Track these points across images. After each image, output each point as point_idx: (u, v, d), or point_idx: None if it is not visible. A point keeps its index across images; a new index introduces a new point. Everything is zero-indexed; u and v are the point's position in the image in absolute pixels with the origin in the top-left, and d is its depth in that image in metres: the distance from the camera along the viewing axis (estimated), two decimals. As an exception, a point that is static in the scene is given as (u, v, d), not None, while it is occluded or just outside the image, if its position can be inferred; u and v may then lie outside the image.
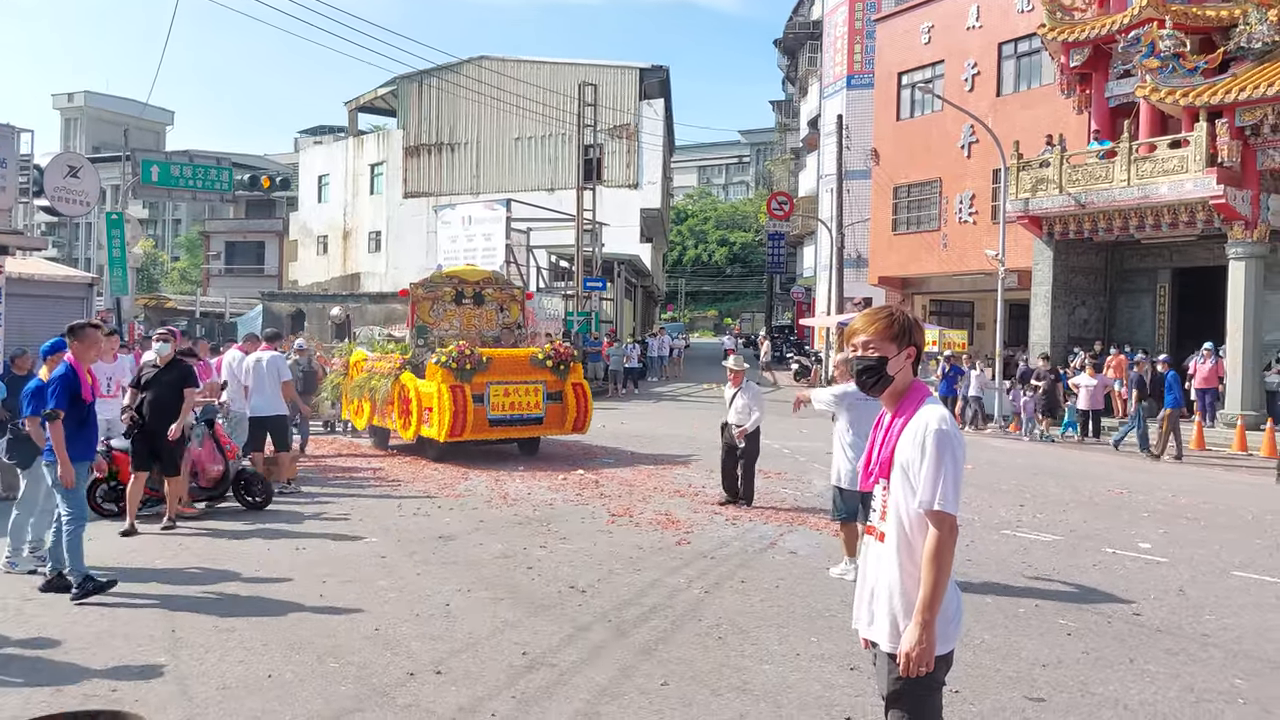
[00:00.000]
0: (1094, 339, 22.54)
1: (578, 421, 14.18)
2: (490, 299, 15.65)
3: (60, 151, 25.25)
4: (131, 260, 22.19)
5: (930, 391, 3.14)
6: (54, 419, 6.63)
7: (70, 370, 6.79)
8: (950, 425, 2.95)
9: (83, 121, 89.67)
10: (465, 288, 15.46)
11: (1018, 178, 22.04)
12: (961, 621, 3.11)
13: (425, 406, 13.49)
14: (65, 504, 6.66)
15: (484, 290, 15.60)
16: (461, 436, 13.14)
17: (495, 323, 15.65)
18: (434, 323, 15.09)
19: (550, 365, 13.99)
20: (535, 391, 13.82)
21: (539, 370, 13.94)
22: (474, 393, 13.15)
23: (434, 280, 15.79)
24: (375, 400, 14.68)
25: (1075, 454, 17.11)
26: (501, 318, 15.72)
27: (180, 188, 28.25)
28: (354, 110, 47.40)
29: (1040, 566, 8.01)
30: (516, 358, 13.99)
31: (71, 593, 6.49)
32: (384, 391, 14.46)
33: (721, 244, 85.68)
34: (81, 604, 6.38)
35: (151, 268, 60.05)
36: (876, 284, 31.76)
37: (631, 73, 40.13)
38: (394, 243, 42.31)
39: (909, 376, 3.09)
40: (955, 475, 2.90)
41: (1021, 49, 26.37)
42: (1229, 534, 9.79)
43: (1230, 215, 18.55)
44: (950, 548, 2.91)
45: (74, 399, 6.71)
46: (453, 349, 13.30)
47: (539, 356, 14.05)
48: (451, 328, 15.12)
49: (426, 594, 6.80)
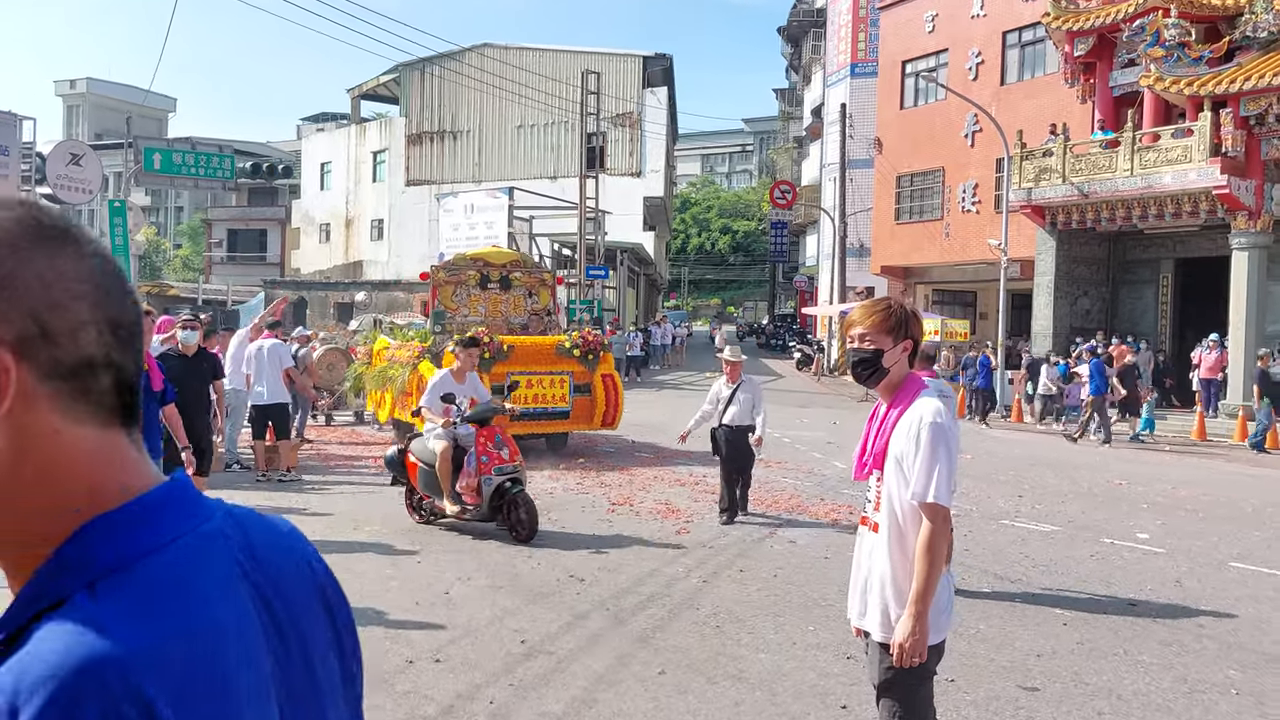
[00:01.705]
0: (1096, 329, 22.53)
1: (607, 416, 13.25)
2: (518, 283, 14.60)
3: (62, 139, 25.26)
4: (134, 248, 22.23)
5: (925, 384, 3.16)
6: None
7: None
8: (944, 418, 2.98)
9: (85, 109, 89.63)
10: (491, 271, 14.44)
11: (1021, 167, 21.99)
12: (953, 612, 3.14)
13: None
14: None
15: (511, 274, 14.58)
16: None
17: (524, 309, 14.65)
18: (455, 308, 14.07)
19: (578, 355, 13.13)
20: (561, 383, 12.96)
21: (566, 360, 13.06)
22: (494, 383, 11.97)
23: (457, 263, 14.77)
24: (395, 391, 13.90)
25: (1075, 444, 17.11)
26: (530, 303, 14.70)
27: (182, 175, 28.25)
28: (356, 98, 47.32)
29: (1037, 557, 8.04)
30: (541, 346, 13.13)
31: None
32: (401, 382, 13.69)
33: (724, 232, 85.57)
34: None
35: (154, 255, 60.11)
36: (879, 273, 31.73)
37: (635, 60, 40.01)
38: (396, 230, 42.31)
39: (905, 369, 3.11)
40: (949, 468, 2.93)
41: (1026, 38, 26.27)
42: (1227, 525, 9.81)
43: (1234, 205, 18.52)
44: (943, 540, 2.94)
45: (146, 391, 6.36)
46: (470, 335, 12.51)
47: (565, 345, 13.15)
48: (475, 314, 14.15)
49: (427, 582, 6.85)
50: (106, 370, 0.80)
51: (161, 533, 0.80)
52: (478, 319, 13.99)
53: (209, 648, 0.75)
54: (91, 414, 0.79)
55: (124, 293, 0.83)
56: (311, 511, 9.29)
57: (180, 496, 0.84)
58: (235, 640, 0.78)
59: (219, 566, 0.82)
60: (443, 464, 8.16)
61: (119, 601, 0.73)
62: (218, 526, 0.86)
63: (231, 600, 0.81)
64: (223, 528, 0.86)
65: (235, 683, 0.76)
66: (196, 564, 0.80)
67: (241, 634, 0.79)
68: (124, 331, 0.81)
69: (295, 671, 0.86)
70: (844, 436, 15.58)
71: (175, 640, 0.73)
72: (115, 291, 0.82)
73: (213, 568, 0.81)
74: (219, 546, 0.84)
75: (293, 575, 0.92)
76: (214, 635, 0.76)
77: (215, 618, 0.77)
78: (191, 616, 0.75)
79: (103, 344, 0.79)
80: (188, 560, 0.80)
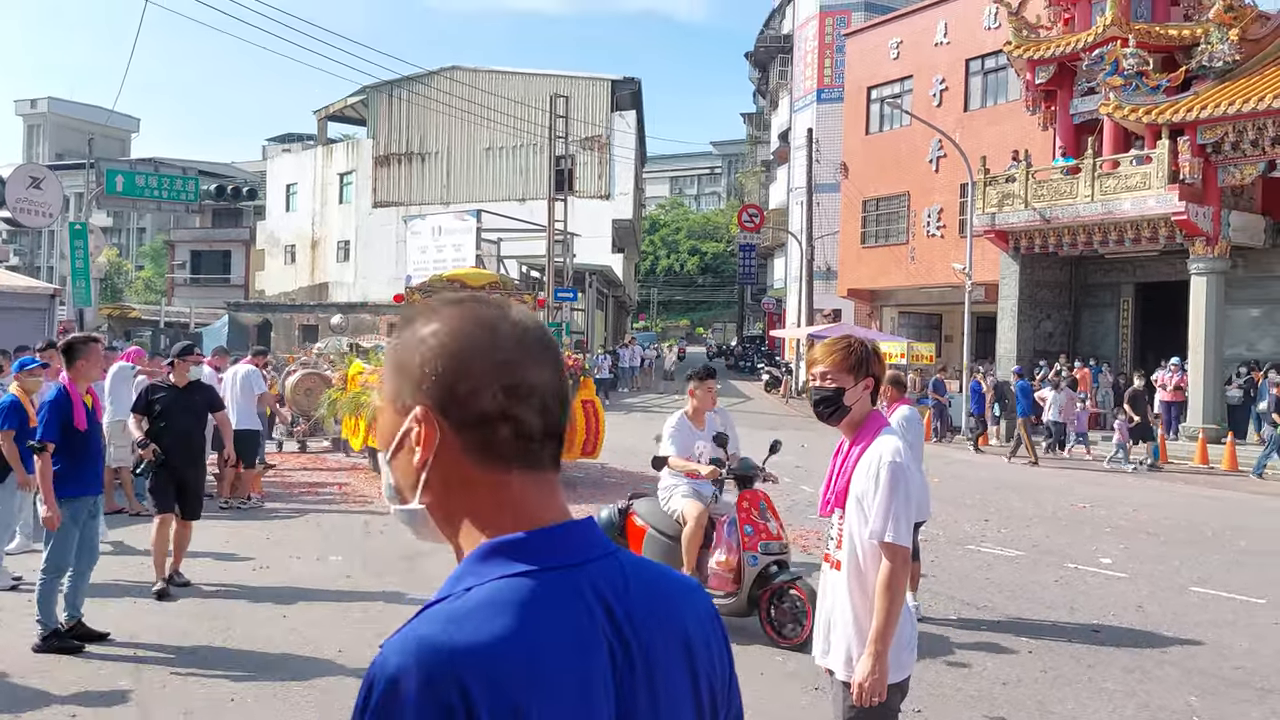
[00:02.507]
0: (1059, 352, 22.84)
1: (587, 445, 12.41)
2: None
3: (22, 163, 24.88)
4: (94, 271, 21.94)
5: (887, 422, 3.18)
6: (40, 451, 5.85)
7: (63, 394, 5.98)
8: (904, 457, 3.00)
9: (46, 128, 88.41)
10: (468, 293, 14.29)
11: (984, 192, 22.31)
12: (915, 649, 3.15)
13: None
14: (47, 549, 5.93)
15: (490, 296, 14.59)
16: None
17: None
18: None
19: None
20: None
21: None
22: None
23: (433, 285, 14.40)
24: (368, 418, 13.08)
25: (1039, 468, 17.28)
26: None
27: (145, 198, 27.94)
28: (323, 119, 47.14)
29: (1003, 583, 8.09)
30: None
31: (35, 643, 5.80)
32: (373, 408, 12.91)
33: (693, 254, 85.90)
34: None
35: (116, 277, 59.32)
36: (846, 296, 32.00)
37: (603, 84, 40.22)
38: (363, 252, 42.09)
39: (867, 406, 3.13)
40: (907, 508, 2.95)
41: (989, 65, 26.73)
42: (1188, 549, 9.94)
43: (1192, 231, 18.88)
44: (903, 578, 2.95)
45: (65, 427, 5.92)
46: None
47: None
48: None
49: (393, 616, 6.76)
50: (504, 422, 1.01)
51: (531, 561, 0.99)
52: None
53: (527, 660, 0.92)
54: (494, 457, 1.02)
55: (530, 359, 1.04)
56: (273, 540, 9.15)
57: (565, 534, 1.03)
58: (556, 663, 0.94)
59: (572, 600, 0.99)
60: (694, 533, 6.31)
61: (470, 609, 0.94)
62: (591, 566, 1.02)
63: (571, 630, 0.97)
64: (600, 568, 1.03)
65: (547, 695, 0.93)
66: (548, 594, 0.97)
67: (568, 661, 0.96)
68: (523, 391, 1.02)
69: (640, 705, 1.01)
70: (812, 460, 15.63)
71: (500, 646, 0.92)
72: (519, 359, 1.03)
73: (563, 600, 0.98)
74: (581, 583, 1.00)
75: (657, 623, 1.05)
76: (535, 652, 0.93)
77: (542, 640, 0.94)
78: (523, 634, 0.93)
79: (497, 403, 1.01)
80: (541, 590, 0.97)
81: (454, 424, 1.01)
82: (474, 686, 0.89)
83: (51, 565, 5.87)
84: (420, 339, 1.05)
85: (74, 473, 5.96)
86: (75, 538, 5.97)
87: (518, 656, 0.92)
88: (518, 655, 0.92)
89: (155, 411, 7.24)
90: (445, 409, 1.01)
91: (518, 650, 0.92)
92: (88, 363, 6.13)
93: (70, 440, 5.94)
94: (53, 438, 5.86)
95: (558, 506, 1.05)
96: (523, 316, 1.09)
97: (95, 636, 5.98)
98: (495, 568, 0.98)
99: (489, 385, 1.01)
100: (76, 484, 5.99)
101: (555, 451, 1.06)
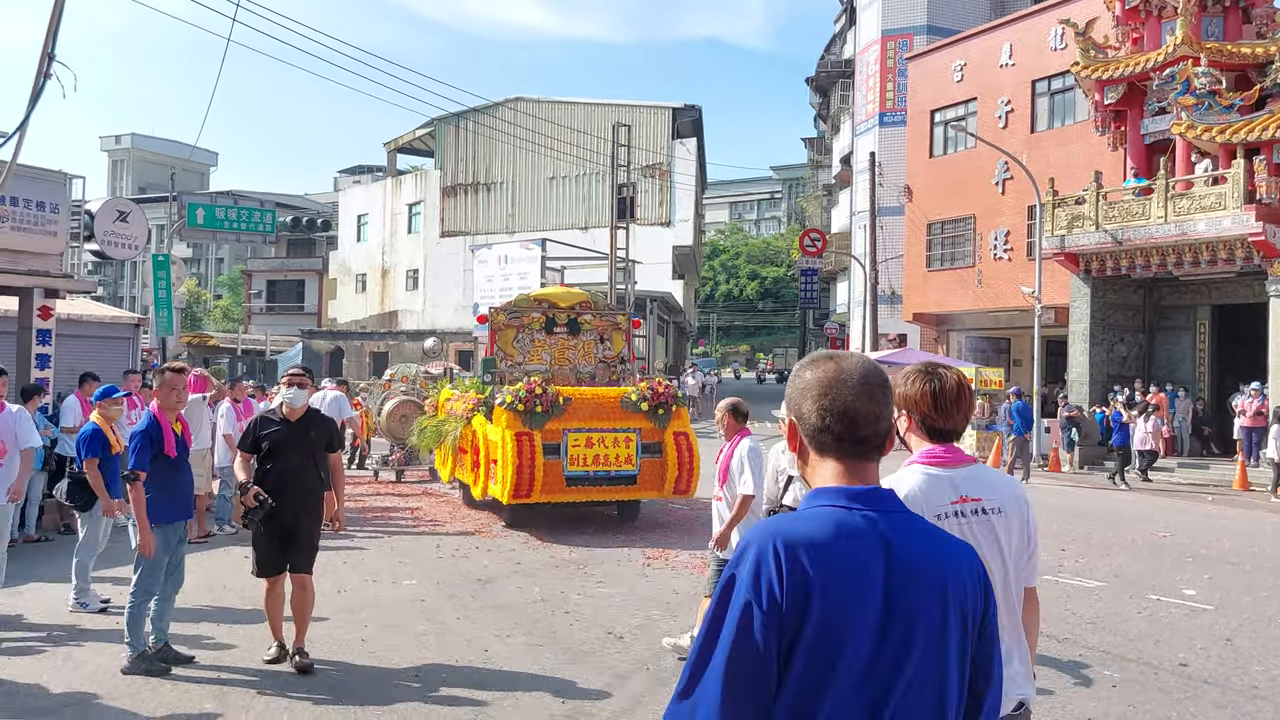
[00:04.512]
0: (1134, 377, 22.28)
1: (680, 481, 11.25)
2: (588, 327, 12.99)
3: (109, 197, 25.93)
4: (176, 301, 22.68)
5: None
6: (133, 480, 5.96)
7: (153, 422, 6.14)
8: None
9: (129, 163, 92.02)
10: (557, 313, 12.87)
11: (1053, 214, 21.95)
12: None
13: (490, 458, 11.13)
14: (138, 574, 6.06)
15: (580, 317, 13.00)
16: (530, 498, 10.67)
17: (593, 356, 12.98)
18: (514, 356, 12.55)
19: (646, 409, 11.17)
20: (627, 442, 11.02)
21: (632, 415, 11.14)
22: (546, 442, 10.63)
23: (519, 304, 13.25)
24: (449, 448, 12.80)
25: (1116, 495, 16.85)
26: (601, 350, 13.05)
27: (225, 230, 28.84)
28: (392, 151, 48.22)
29: (1084, 614, 7.91)
30: (602, 399, 11.31)
31: (123, 665, 5.95)
32: (454, 437, 12.49)
33: (753, 278, 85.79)
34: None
35: (194, 306, 61.19)
36: (911, 320, 31.63)
37: (664, 113, 40.52)
38: (431, 281, 42.83)
39: None
40: None
41: (1055, 86, 26.35)
42: (1274, 579, 9.61)
43: (1270, 252, 18.34)
44: None
45: (156, 455, 6.07)
46: (520, 387, 10.81)
47: (632, 398, 11.22)
48: (539, 361, 12.62)
49: (466, 639, 6.85)
50: (825, 432, 1.74)
51: (836, 502, 1.67)
52: (540, 366, 12.55)
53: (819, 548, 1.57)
54: (819, 448, 1.76)
55: (847, 388, 1.73)
56: (349, 564, 9.32)
57: (865, 493, 1.68)
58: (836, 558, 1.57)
59: (862, 530, 1.62)
60: None
61: (797, 516, 1.66)
62: (885, 517, 1.65)
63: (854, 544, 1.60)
64: (892, 520, 1.65)
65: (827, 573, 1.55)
66: (844, 521, 1.62)
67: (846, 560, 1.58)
68: (839, 409, 1.72)
69: (896, 610, 1.58)
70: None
71: (804, 535, 1.58)
72: (837, 389, 1.73)
73: (855, 528, 1.62)
74: (875, 521, 1.63)
75: (923, 563, 1.63)
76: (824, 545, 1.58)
77: (831, 542, 1.59)
78: (819, 534, 1.59)
79: (822, 418, 1.74)
80: (840, 517, 1.63)
81: (803, 430, 1.78)
82: (783, 552, 1.54)
83: (141, 589, 6.06)
84: (795, 376, 1.82)
85: (165, 499, 6.16)
86: (165, 563, 6.18)
87: (813, 544, 1.56)
88: (812, 543, 1.56)
89: (263, 448, 6.22)
90: (799, 420, 1.79)
91: (813, 540, 1.57)
92: (164, 392, 6.30)
93: (161, 468, 6.15)
94: (144, 466, 6.05)
95: (867, 479, 1.72)
96: (851, 365, 1.77)
97: (181, 659, 6.16)
98: (814, 501, 1.70)
99: (813, 409, 1.75)
100: (167, 510, 6.19)
101: (868, 448, 1.73)
